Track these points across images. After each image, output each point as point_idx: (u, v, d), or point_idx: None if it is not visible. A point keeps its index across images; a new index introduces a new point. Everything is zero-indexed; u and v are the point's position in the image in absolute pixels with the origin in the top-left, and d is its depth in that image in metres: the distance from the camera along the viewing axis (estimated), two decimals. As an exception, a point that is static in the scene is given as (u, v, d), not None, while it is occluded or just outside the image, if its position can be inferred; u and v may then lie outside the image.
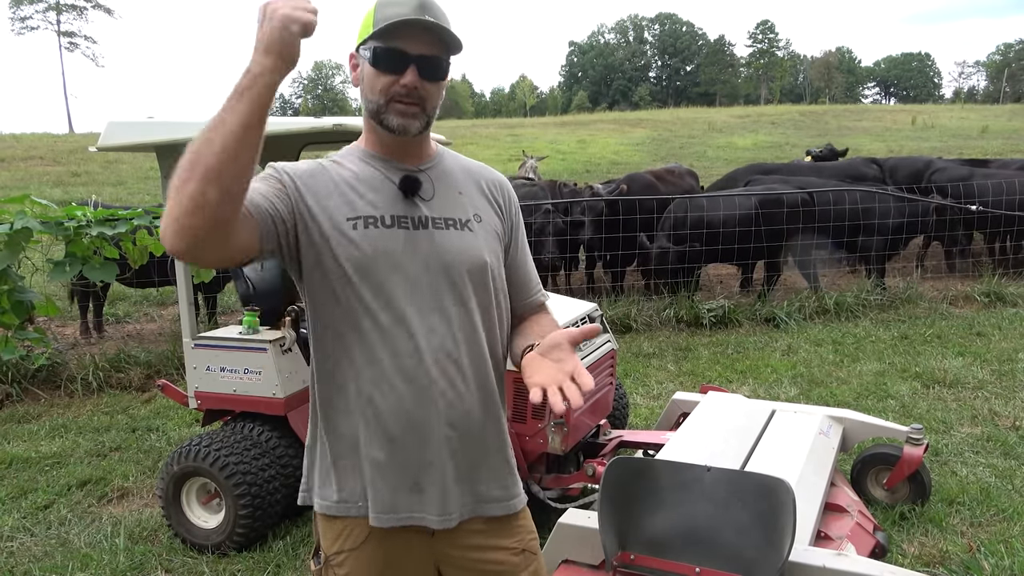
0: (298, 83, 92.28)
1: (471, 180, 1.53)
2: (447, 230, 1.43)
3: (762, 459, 2.96)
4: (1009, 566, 2.89)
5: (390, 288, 1.38)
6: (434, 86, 1.39)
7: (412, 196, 1.43)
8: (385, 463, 1.41)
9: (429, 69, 1.37)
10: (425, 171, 1.47)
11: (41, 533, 3.51)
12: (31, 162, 19.30)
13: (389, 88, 1.36)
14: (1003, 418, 4.46)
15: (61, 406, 5.41)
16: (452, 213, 1.45)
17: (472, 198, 1.51)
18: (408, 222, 1.41)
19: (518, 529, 1.55)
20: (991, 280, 7.68)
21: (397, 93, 1.36)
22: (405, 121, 1.38)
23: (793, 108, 37.90)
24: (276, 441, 3.37)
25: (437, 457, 1.42)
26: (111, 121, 3.30)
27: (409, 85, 1.35)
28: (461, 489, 1.45)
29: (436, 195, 1.46)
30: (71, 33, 58.19)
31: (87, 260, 5.49)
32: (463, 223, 1.46)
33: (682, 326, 6.97)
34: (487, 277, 1.46)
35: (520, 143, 22.26)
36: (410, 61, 1.35)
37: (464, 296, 1.43)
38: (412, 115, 1.38)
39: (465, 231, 1.45)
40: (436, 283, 1.40)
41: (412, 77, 1.35)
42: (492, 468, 1.50)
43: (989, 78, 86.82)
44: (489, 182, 1.56)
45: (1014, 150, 19.23)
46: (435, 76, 1.38)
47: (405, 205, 1.42)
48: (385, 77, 1.36)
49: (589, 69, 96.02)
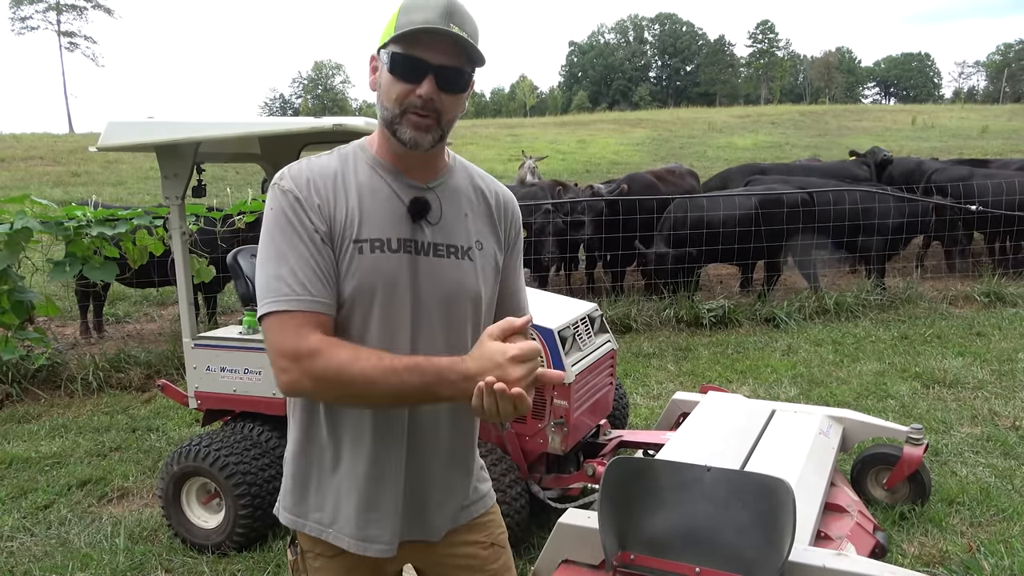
0: (298, 83, 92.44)
1: (479, 199, 1.49)
2: (448, 258, 1.40)
3: (762, 459, 2.96)
4: (1009, 566, 2.89)
5: (389, 314, 1.36)
6: (452, 99, 1.34)
7: (420, 220, 1.39)
8: (350, 486, 1.41)
9: (448, 80, 1.31)
10: (435, 188, 1.43)
11: (41, 533, 3.51)
12: (31, 162, 19.29)
13: (405, 98, 1.31)
14: (1003, 418, 4.46)
15: (61, 406, 5.41)
16: (455, 240, 1.42)
17: (476, 221, 1.47)
18: (412, 246, 1.38)
19: (487, 524, 1.58)
20: (991, 280, 7.69)
21: (412, 104, 1.31)
22: (418, 135, 1.33)
23: (793, 108, 37.90)
24: (276, 441, 3.37)
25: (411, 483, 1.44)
26: (111, 121, 3.30)
27: (425, 96, 1.30)
28: (429, 510, 1.47)
29: (443, 218, 1.42)
30: (71, 33, 58.19)
31: (87, 260, 5.50)
32: (464, 251, 1.43)
33: (682, 326, 6.97)
34: (480, 307, 1.45)
35: (520, 143, 22.29)
36: (429, 71, 1.30)
37: (457, 324, 1.42)
38: (425, 128, 1.33)
39: (465, 260, 1.42)
40: (433, 310, 1.39)
41: (429, 88, 1.30)
42: (459, 489, 1.53)
43: (989, 78, 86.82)
44: (498, 204, 1.52)
45: (1014, 150, 19.23)
46: (454, 88, 1.33)
47: (412, 227, 1.39)
48: (402, 85, 1.31)
49: (589, 69, 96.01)
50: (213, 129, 3.18)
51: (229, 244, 6.26)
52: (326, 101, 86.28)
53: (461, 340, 1.42)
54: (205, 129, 3.19)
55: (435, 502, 1.48)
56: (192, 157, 3.36)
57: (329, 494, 1.43)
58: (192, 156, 3.36)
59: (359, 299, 1.34)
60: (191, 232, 3.87)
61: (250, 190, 9.06)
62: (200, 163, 3.50)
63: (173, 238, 3.46)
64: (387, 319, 1.36)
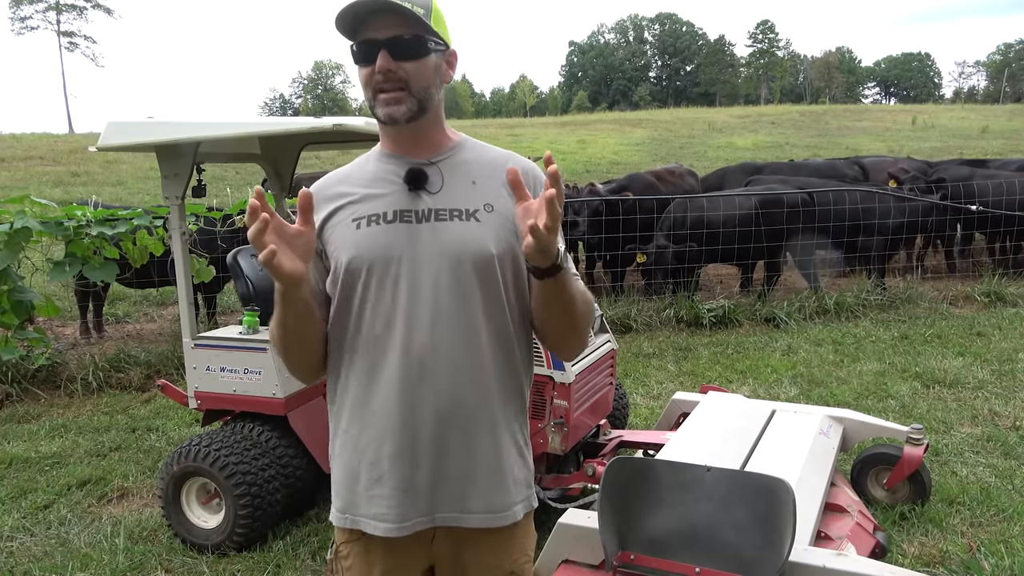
0: (298, 83, 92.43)
1: (491, 169, 1.47)
2: (450, 221, 1.40)
3: (762, 459, 2.96)
4: (1009, 566, 2.88)
5: (386, 283, 1.38)
6: (414, 65, 1.36)
7: (417, 190, 1.42)
8: (374, 464, 1.41)
9: (402, 49, 1.34)
10: (436, 163, 1.45)
11: (41, 533, 3.51)
12: (31, 162, 19.29)
13: (370, 80, 1.37)
14: (1003, 418, 4.46)
15: (61, 406, 5.41)
16: (458, 204, 1.42)
17: (487, 188, 1.45)
18: (411, 216, 1.40)
19: (515, 544, 1.51)
20: (991, 280, 7.69)
21: (377, 83, 1.36)
22: (390, 109, 1.37)
23: (793, 108, 37.92)
24: (276, 441, 3.36)
25: (424, 458, 1.40)
26: (111, 121, 3.30)
27: (381, 69, 1.34)
28: (445, 493, 1.42)
29: (444, 187, 1.43)
30: (71, 33, 58.18)
31: (87, 260, 5.50)
32: (470, 213, 1.41)
33: (682, 326, 6.97)
34: (493, 268, 1.40)
35: (520, 143, 22.28)
36: (379, 46, 1.34)
37: (466, 288, 1.39)
38: (396, 101, 1.36)
39: (471, 221, 1.40)
40: (437, 274, 1.38)
41: (383, 61, 1.34)
42: (481, 477, 1.43)
43: (989, 78, 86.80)
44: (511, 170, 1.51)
45: (1014, 150, 19.24)
46: (409, 55, 1.35)
47: (410, 199, 1.41)
48: (364, 70, 1.37)
49: (589, 69, 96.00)
50: (213, 129, 3.18)
51: (229, 244, 6.26)
52: (326, 101, 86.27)
53: (471, 300, 1.39)
54: (205, 129, 3.19)
55: (457, 475, 1.41)
56: (192, 157, 3.36)
57: (346, 477, 1.46)
58: (192, 156, 3.35)
59: (356, 270, 1.39)
60: (191, 232, 3.86)
61: (250, 190, 9.05)
62: (200, 163, 3.50)
63: (173, 238, 3.46)
64: (384, 286, 1.39)
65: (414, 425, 1.39)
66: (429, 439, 1.39)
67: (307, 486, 3.46)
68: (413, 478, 1.40)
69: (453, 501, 1.42)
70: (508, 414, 1.46)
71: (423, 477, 1.40)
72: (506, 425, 1.46)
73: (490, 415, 1.43)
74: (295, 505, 3.46)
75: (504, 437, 1.46)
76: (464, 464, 1.42)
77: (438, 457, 1.40)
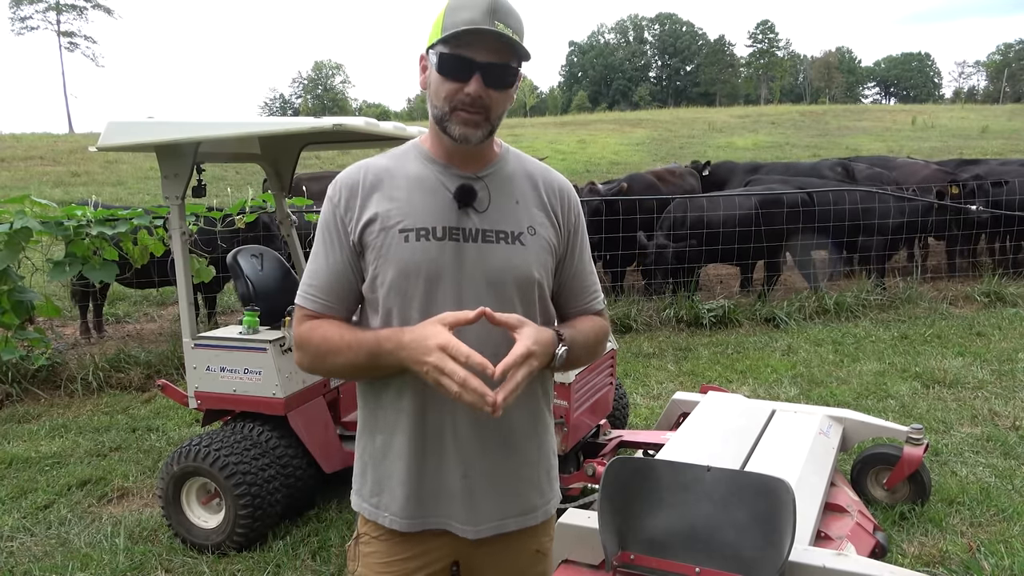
0: (298, 83, 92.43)
1: (531, 187, 1.49)
2: (497, 244, 1.41)
3: (762, 459, 2.96)
4: (1009, 566, 2.89)
5: (432, 301, 1.38)
6: (500, 94, 1.37)
7: (466, 207, 1.42)
8: (407, 471, 1.43)
9: (495, 77, 1.34)
10: (483, 178, 1.45)
11: (41, 533, 3.51)
12: (31, 162, 19.29)
13: (454, 96, 1.35)
14: (1003, 418, 4.46)
15: (61, 406, 5.41)
16: (504, 226, 1.43)
17: (528, 208, 1.47)
18: (459, 234, 1.40)
19: (541, 530, 1.58)
20: (991, 280, 7.69)
21: (461, 102, 1.34)
22: (467, 130, 1.36)
23: (793, 108, 37.91)
24: (276, 441, 3.37)
25: (459, 468, 1.43)
26: (111, 121, 3.30)
27: (474, 94, 1.33)
28: (486, 502, 1.46)
29: (491, 205, 1.44)
30: (71, 33, 58.17)
31: (87, 260, 5.50)
32: (515, 236, 1.43)
33: (682, 326, 6.97)
34: (533, 292, 1.44)
35: (520, 143, 22.25)
36: (476, 69, 1.33)
37: (507, 308, 1.40)
38: (475, 124, 1.36)
39: (516, 245, 1.43)
40: (480, 296, 1.39)
41: (477, 86, 1.33)
42: (520, 484, 1.50)
43: (989, 78, 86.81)
44: (549, 189, 1.51)
45: (1014, 150, 19.26)
46: (501, 84, 1.36)
47: (458, 216, 1.41)
48: (450, 84, 1.34)
49: (589, 69, 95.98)
50: (213, 129, 3.18)
51: (229, 244, 6.26)
52: (326, 101, 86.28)
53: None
54: (205, 129, 3.19)
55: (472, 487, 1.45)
56: (192, 157, 3.36)
57: (370, 474, 1.49)
58: (192, 156, 3.36)
59: (401, 285, 1.39)
60: (191, 232, 3.84)
61: (250, 190, 9.04)
62: (200, 163, 3.50)
63: (173, 238, 3.46)
64: (430, 304, 1.38)
65: (453, 437, 1.43)
66: (469, 450, 1.43)
67: (307, 486, 3.46)
68: (445, 483, 1.44)
69: (490, 510, 1.47)
70: (540, 424, 1.54)
71: (455, 482, 1.44)
72: (536, 433, 1.53)
73: (524, 426, 1.49)
74: (295, 505, 3.46)
75: (532, 447, 1.52)
76: (498, 474, 1.46)
77: (473, 466, 1.44)
